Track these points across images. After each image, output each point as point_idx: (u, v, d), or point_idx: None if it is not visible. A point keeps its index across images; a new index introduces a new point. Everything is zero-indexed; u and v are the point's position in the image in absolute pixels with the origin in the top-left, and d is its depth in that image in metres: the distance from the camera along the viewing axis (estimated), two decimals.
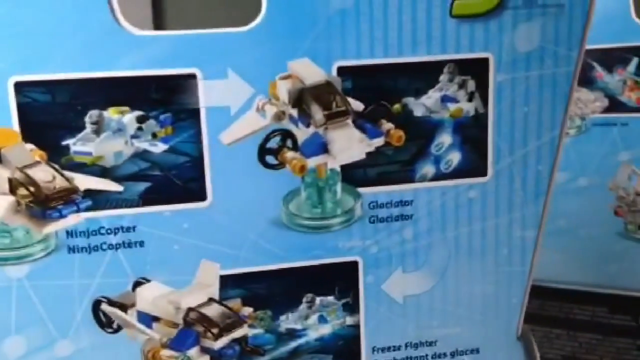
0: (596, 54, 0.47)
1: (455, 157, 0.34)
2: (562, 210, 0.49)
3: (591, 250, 0.49)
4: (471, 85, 0.34)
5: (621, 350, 0.50)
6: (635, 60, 0.47)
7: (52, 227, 0.29)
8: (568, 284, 0.50)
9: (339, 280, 0.35)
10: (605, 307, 0.50)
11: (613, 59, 0.48)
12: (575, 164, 0.49)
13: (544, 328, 0.51)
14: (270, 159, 0.32)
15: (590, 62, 0.47)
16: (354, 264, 0.34)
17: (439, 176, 0.34)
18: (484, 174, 0.35)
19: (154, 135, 0.31)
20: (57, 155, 0.30)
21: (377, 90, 0.33)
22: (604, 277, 0.49)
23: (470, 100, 0.34)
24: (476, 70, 0.33)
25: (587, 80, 0.47)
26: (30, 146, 0.29)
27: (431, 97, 0.33)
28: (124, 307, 0.32)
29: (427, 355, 0.37)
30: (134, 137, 0.30)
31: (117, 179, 0.31)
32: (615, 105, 0.48)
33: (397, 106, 0.33)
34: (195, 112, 0.31)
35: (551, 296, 0.50)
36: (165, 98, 0.30)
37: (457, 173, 0.34)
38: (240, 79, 0.31)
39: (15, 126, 0.29)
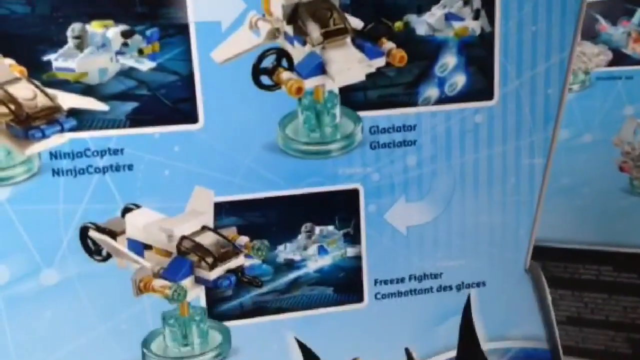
0: (599, 6, 0.45)
1: (460, 80, 0.33)
2: (566, 168, 0.48)
3: (596, 208, 0.48)
4: (477, 2, 0.32)
5: (627, 309, 0.49)
6: None
7: (34, 148, 0.27)
8: (572, 243, 0.49)
9: (340, 210, 0.33)
10: (610, 265, 0.49)
11: (617, 10, 0.47)
12: (579, 121, 0.47)
13: (548, 289, 0.50)
14: (265, 79, 0.30)
15: (593, 15, 0.45)
16: (355, 193, 0.33)
17: (443, 99, 0.33)
18: (491, 97, 0.33)
19: (141, 52, 0.29)
20: (38, 72, 0.28)
21: (377, 7, 0.31)
22: (609, 235, 0.48)
23: (476, 18, 0.32)
24: None
25: (590, 34, 0.46)
26: (9, 61, 0.28)
27: (435, 15, 0.32)
28: (113, 234, 0.31)
29: (431, 287, 0.35)
30: (119, 53, 0.29)
31: (103, 98, 0.29)
32: (619, 58, 0.47)
33: (398, 24, 0.31)
34: (184, 28, 0.29)
35: (555, 256, 0.50)
36: (152, 12, 0.29)
37: (462, 96, 0.33)
38: None
39: None
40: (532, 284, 0.36)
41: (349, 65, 0.31)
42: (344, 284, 0.34)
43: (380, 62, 0.31)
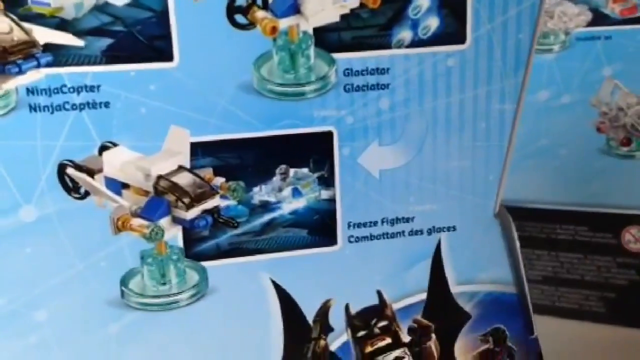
0: None
1: (433, 22, 0.33)
2: (544, 129, 0.48)
3: (572, 169, 0.49)
4: None
5: (602, 268, 0.50)
6: None
7: (11, 83, 0.27)
8: (549, 203, 0.50)
9: (314, 152, 0.34)
10: (586, 225, 0.49)
11: None
12: (559, 81, 0.48)
13: (525, 249, 0.51)
14: (239, 17, 0.31)
15: None
16: (329, 135, 0.33)
17: (416, 42, 0.33)
18: (463, 41, 0.33)
19: None
20: (13, 5, 0.28)
21: None
22: (586, 195, 0.49)
23: None
24: None
25: None
26: None
27: None
28: (90, 172, 0.31)
29: (403, 231, 0.36)
30: None
31: (78, 34, 0.29)
32: (599, 18, 0.47)
33: None
34: None
35: (532, 217, 0.50)
36: None
37: (435, 39, 0.33)
38: None
39: None
40: (501, 229, 0.37)
41: (323, 5, 0.31)
42: (318, 227, 0.35)
43: (355, 2, 0.31)
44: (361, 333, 0.36)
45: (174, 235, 0.33)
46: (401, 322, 0.36)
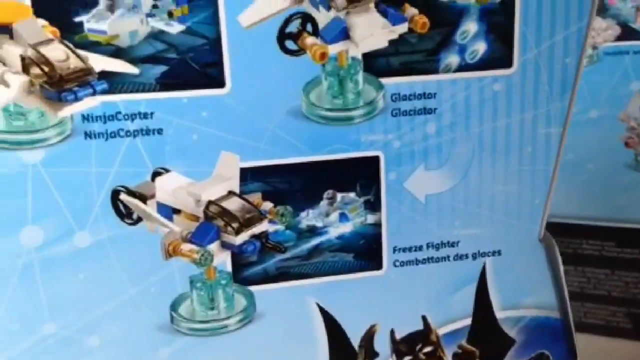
0: None
1: (480, 47, 0.33)
2: (571, 144, 0.48)
3: (599, 183, 0.48)
4: None
5: (629, 284, 0.49)
6: None
7: (67, 110, 0.27)
8: (576, 218, 0.49)
9: (361, 177, 0.33)
10: (613, 241, 0.48)
11: None
12: (587, 96, 0.47)
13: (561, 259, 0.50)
14: (290, 44, 0.31)
15: None
16: (376, 159, 0.33)
17: (463, 67, 0.33)
18: (510, 65, 0.33)
19: (170, 14, 0.29)
20: (70, 33, 0.28)
21: None
22: (613, 210, 0.48)
23: None
24: None
25: (599, 8, 0.45)
26: (42, 22, 0.28)
27: None
28: (143, 198, 0.31)
29: (448, 256, 0.35)
30: (149, 15, 0.29)
31: (133, 61, 0.29)
32: (627, 33, 0.46)
33: None
34: None
35: (559, 231, 0.49)
36: None
37: (482, 64, 0.33)
38: None
39: (26, 0, 0.27)
40: (546, 253, 0.36)
41: (372, 31, 0.31)
42: (364, 251, 0.35)
43: (403, 28, 0.31)
44: (406, 358, 0.35)
45: (223, 260, 0.33)
46: (446, 348, 0.36)
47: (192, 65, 0.30)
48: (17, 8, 0.27)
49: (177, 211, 0.32)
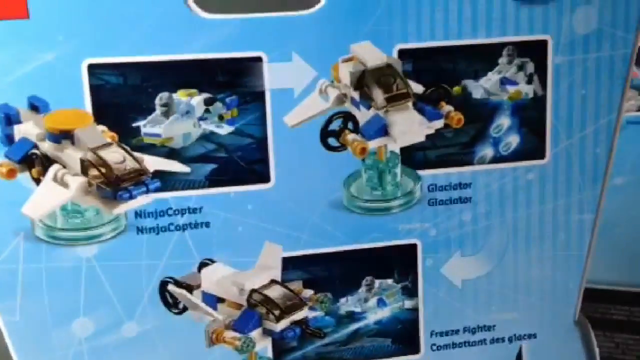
0: None
1: (514, 140, 0.34)
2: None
3: (626, 249, 0.48)
4: (530, 67, 0.33)
5: None
6: None
7: (122, 208, 0.29)
8: (604, 283, 0.49)
9: (398, 264, 0.34)
10: None
11: None
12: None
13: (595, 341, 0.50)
14: (332, 141, 0.32)
15: None
16: (413, 247, 0.34)
17: (497, 158, 0.34)
18: (542, 156, 0.34)
19: (221, 118, 0.30)
20: (127, 137, 0.30)
21: (437, 73, 0.32)
22: None
23: (529, 82, 0.33)
24: (535, 52, 0.33)
25: None
26: (102, 128, 0.29)
27: (490, 80, 0.33)
28: (189, 288, 0.32)
29: (485, 339, 0.36)
30: (201, 119, 0.30)
31: (185, 161, 0.30)
32: None
33: (457, 88, 0.32)
34: (260, 95, 0.31)
35: (586, 297, 0.49)
36: (232, 81, 0.30)
37: (515, 155, 0.34)
38: (304, 62, 0.30)
39: (88, 107, 0.29)
40: (581, 336, 0.36)
41: (410, 127, 0.32)
42: (402, 335, 0.35)
43: (439, 124, 0.32)
44: None
45: (264, 346, 0.33)
46: None
47: (240, 162, 0.31)
48: (80, 116, 0.29)
49: (221, 300, 0.32)
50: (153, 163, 0.29)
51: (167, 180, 0.30)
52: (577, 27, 0.32)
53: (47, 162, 0.28)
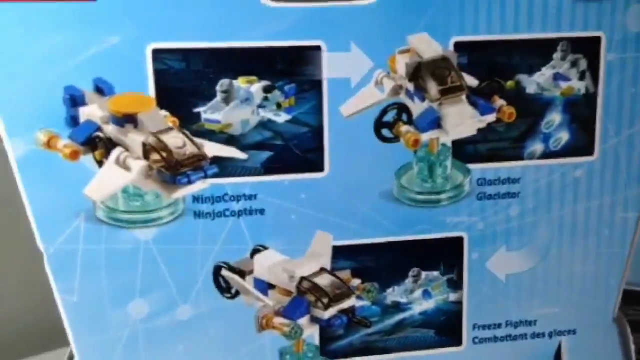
0: None
1: (564, 136, 0.33)
2: None
3: None
4: (583, 63, 0.32)
5: None
6: None
7: (180, 192, 0.28)
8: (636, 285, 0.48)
9: (445, 256, 0.34)
10: None
11: None
12: None
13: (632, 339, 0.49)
14: (385, 132, 0.31)
15: None
16: (460, 240, 0.33)
17: (547, 154, 0.33)
18: (591, 153, 0.33)
19: (279, 105, 0.30)
20: (188, 122, 0.29)
21: (491, 66, 0.32)
22: None
23: (581, 78, 0.33)
24: (588, 49, 0.32)
25: None
26: (164, 112, 0.29)
27: (544, 75, 0.32)
28: (242, 274, 0.31)
29: (526, 334, 0.35)
30: (260, 106, 0.30)
31: (243, 147, 0.30)
32: None
33: (510, 83, 0.32)
34: (318, 84, 0.30)
35: (623, 298, 0.49)
36: (291, 69, 0.30)
37: (564, 151, 0.33)
38: (362, 52, 0.30)
39: (152, 92, 0.29)
40: (618, 333, 0.36)
41: (462, 120, 0.31)
42: (445, 327, 0.35)
43: (492, 117, 0.32)
44: None
45: (312, 333, 0.33)
46: None
47: (295, 151, 0.31)
48: (143, 100, 0.28)
49: (272, 286, 0.32)
50: (211, 149, 0.29)
51: (224, 167, 0.30)
52: (630, 25, 0.32)
53: (110, 144, 0.28)
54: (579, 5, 0.31)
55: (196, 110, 0.29)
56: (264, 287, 0.32)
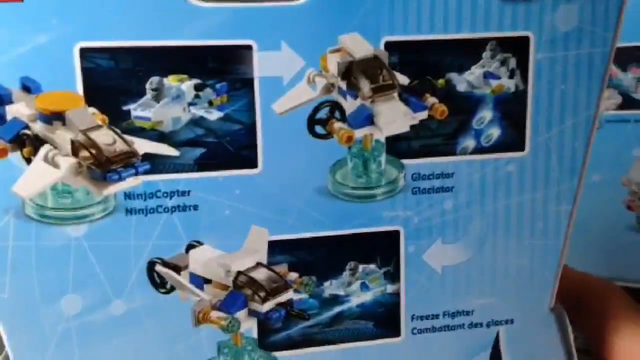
0: None
1: (495, 132, 0.33)
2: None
3: (602, 245, 0.48)
4: (512, 62, 0.33)
5: None
6: None
7: (111, 189, 0.28)
8: None
9: (381, 250, 0.34)
10: None
11: (627, 57, 0.47)
12: (589, 161, 0.48)
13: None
14: (319, 129, 0.31)
15: None
16: (396, 234, 0.34)
17: (479, 150, 0.33)
18: (522, 148, 0.34)
19: (210, 103, 0.30)
20: (118, 120, 0.29)
21: (422, 65, 0.32)
22: (615, 271, 0.48)
23: (511, 77, 0.33)
24: (517, 48, 0.32)
25: None
26: (92, 110, 0.29)
27: (474, 73, 0.32)
28: (177, 269, 0.31)
29: (463, 324, 0.36)
30: (191, 104, 0.30)
31: (174, 144, 0.30)
32: (628, 102, 0.47)
33: (441, 81, 0.32)
34: (250, 82, 0.30)
35: None
36: (222, 67, 0.30)
37: (496, 147, 0.34)
38: (293, 52, 0.30)
39: (80, 90, 0.29)
40: (556, 323, 0.36)
41: (395, 117, 0.32)
42: (384, 319, 0.35)
43: (423, 115, 0.32)
44: None
45: (250, 326, 0.33)
46: None
47: (228, 148, 0.31)
48: (71, 98, 0.28)
49: (208, 281, 0.32)
50: (143, 146, 0.29)
51: (156, 164, 0.30)
52: (558, 25, 0.32)
53: (38, 142, 0.28)
54: (508, 6, 0.31)
55: (126, 108, 0.29)
56: (200, 282, 0.32)
